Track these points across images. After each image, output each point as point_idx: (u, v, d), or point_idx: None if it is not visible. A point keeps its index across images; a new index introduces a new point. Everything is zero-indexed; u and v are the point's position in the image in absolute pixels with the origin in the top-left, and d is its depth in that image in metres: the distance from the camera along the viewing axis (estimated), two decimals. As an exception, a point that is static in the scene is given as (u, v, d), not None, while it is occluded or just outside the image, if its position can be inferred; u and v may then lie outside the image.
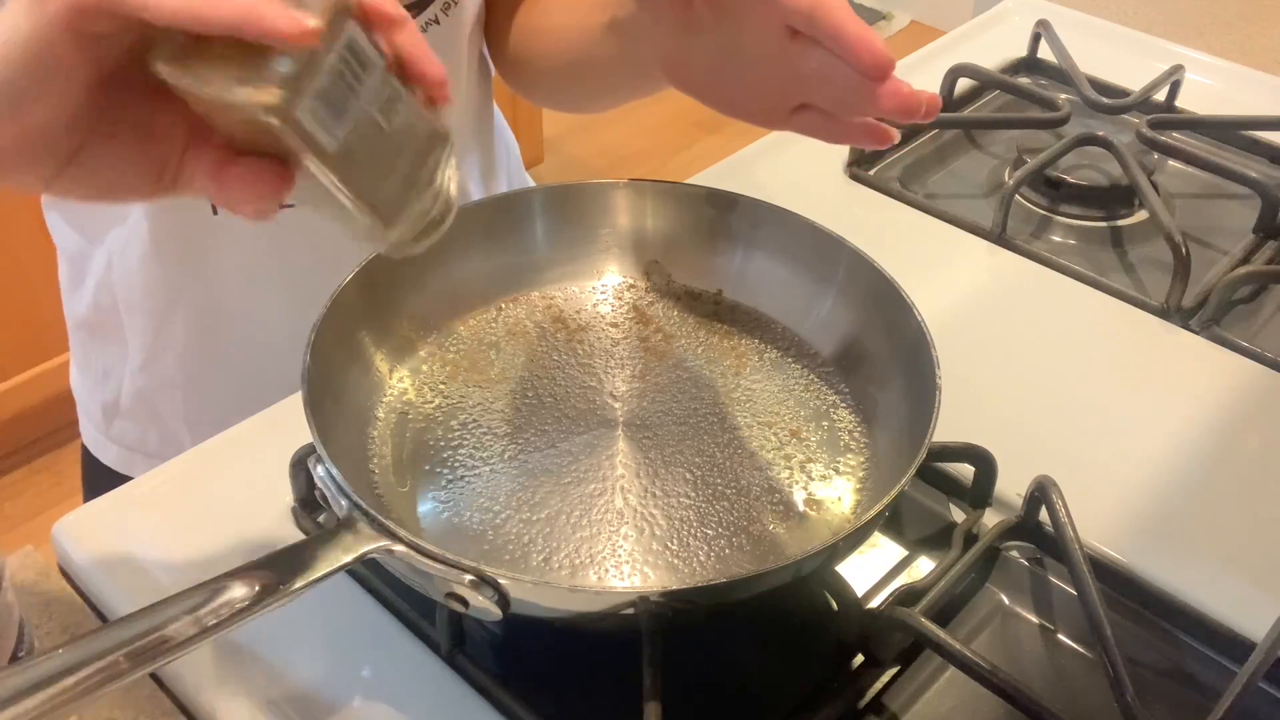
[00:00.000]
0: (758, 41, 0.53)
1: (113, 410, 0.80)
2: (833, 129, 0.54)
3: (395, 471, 0.58)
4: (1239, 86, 1.02)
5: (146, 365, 0.77)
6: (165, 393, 0.78)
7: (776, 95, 0.55)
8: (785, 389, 0.64)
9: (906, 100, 0.48)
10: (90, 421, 0.83)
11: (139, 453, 0.81)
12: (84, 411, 0.84)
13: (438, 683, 0.54)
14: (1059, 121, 0.90)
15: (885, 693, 0.54)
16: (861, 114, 0.53)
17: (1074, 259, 0.81)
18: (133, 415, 0.80)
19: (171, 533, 0.60)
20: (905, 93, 0.48)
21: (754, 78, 0.55)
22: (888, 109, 0.49)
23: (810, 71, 0.51)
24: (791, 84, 0.54)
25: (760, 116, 0.58)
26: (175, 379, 0.77)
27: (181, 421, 0.78)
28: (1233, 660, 0.55)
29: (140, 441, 0.80)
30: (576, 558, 0.54)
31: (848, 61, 0.48)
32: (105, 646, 0.41)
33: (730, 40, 0.55)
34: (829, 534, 0.56)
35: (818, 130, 0.55)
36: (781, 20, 0.51)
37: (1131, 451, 0.66)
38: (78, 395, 0.84)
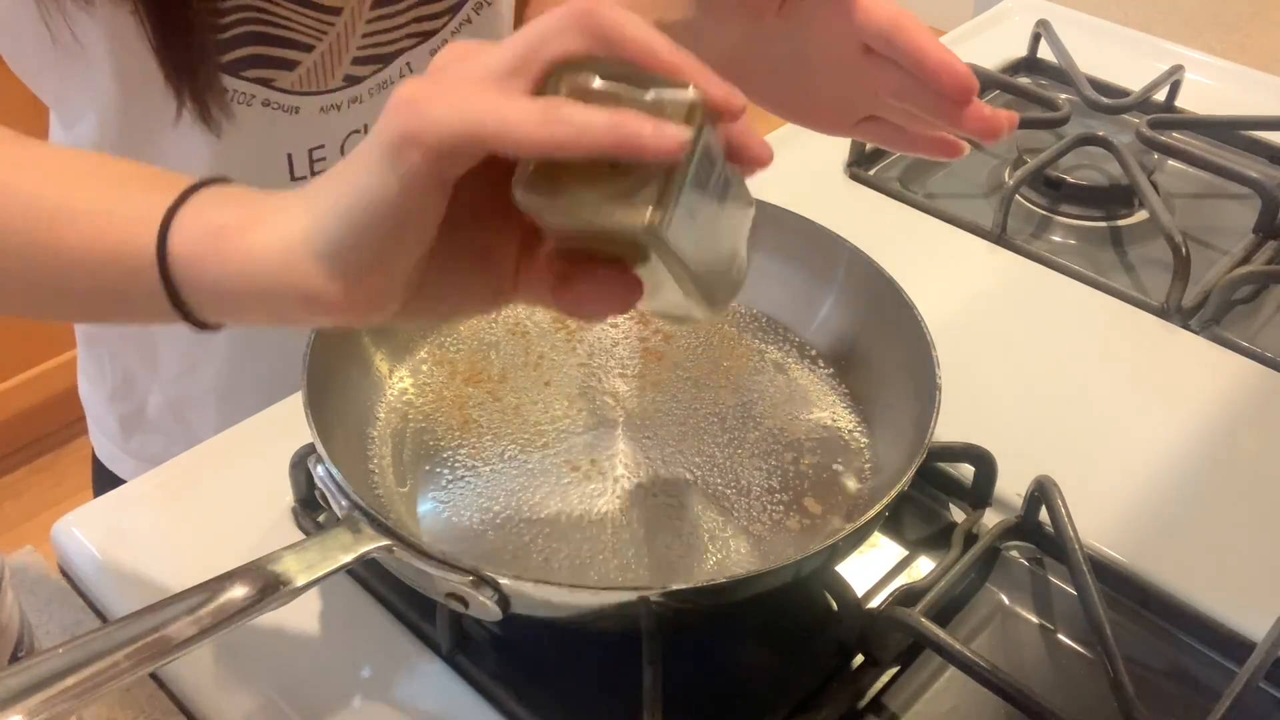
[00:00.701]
0: (829, 55, 0.54)
1: (134, 423, 0.79)
2: (902, 140, 0.55)
3: (395, 471, 0.58)
4: (1239, 86, 1.02)
5: (182, 376, 0.76)
6: (199, 403, 0.76)
7: (844, 106, 0.56)
8: (785, 389, 0.64)
9: (990, 121, 0.49)
10: (105, 435, 0.81)
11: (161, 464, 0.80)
12: (97, 425, 0.82)
13: (438, 683, 0.54)
14: (1059, 121, 0.90)
15: (885, 693, 0.54)
16: (931, 129, 0.53)
17: (1074, 259, 0.81)
18: (158, 428, 0.78)
19: (171, 533, 0.60)
20: (988, 114, 0.49)
21: (821, 88, 0.56)
22: (971, 129, 0.49)
23: (888, 90, 0.51)
24: (861, 96, 0.54)
25: (825, 125, 0.58)
26: (211, 389, 0.76)
27: (213, 431, 0.77)
28: (1233, 660, 0.55)
29: (163, 454, 0.79)
30: (576, 558, 0.54)
31: (930, 84, 0.48)
32: (105, 646, 0.41)
33: (799, 51, 0.56)
34: (829, 534, 0.56)
35: (886, 140, 0.56)
36: (856, 37, 0.51)
37: (1131, 451, 0.66)
38: (89, 408, 0.82)
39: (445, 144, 0.34)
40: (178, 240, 0.39)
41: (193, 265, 0.39)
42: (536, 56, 0.36)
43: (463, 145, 0.35)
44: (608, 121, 0.34)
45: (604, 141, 0.34)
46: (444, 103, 0.34)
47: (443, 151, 0.35)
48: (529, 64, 0.36)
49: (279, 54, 0.62)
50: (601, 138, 0.34)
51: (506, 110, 0.34)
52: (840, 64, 0.53)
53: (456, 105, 0.34)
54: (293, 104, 0.64)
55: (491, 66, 0.36)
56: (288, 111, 0.64)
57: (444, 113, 0.34)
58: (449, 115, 0.34)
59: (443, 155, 0.35)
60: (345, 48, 0.64)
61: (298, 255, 0.37)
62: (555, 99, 0.35)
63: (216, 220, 0.39)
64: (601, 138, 0.34)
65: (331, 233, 0.37)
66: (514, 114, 0.34)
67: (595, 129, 0.34)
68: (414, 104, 0.35)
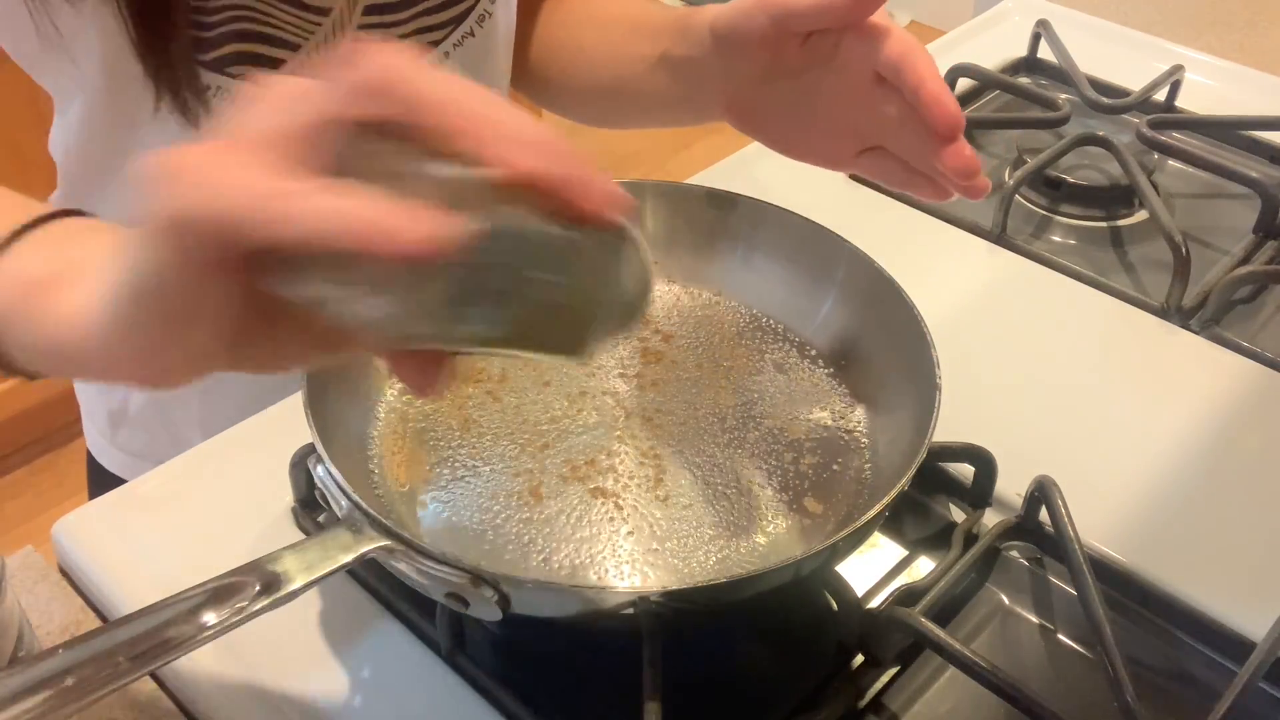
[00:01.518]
0: (842, 84, 0.55)
1: (119, 417, 0.79)
2: (897, 175, 0.56)
3: (395, 471, 0.58)
4: (1239, 86, 1.02)
5: None
6: (180, 398, 0.77)
7: (846, 138, 0.57)
8: (785, 389, 0.64)
9: (966, 162, 0.50)
10: (95, 428, 0.82)
11: (147, 459, 0.80)
12: (89, 417, 0.83)
13: (438, 683, 0.54)
14: (1059, 121, 0.90)
15: (885, 693, 0.54)
16: (924, 166, 0.54)
17: (1074, 259, 0.81)
18: (141, 422, 0.79)
19: (171, 533, 0.60)
20: (967, 155, 0.50)
21: (826, 121, 0.57)
22: (948, 165, 0.50)
23: (887, 118, 0.52)
24: (864, 128, 0.55)
25: (825, 159, 0.59)
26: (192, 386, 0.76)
27: (196, 426, 0.77)
28: (1233, 660, 0.55)
29: (148, 448, 0.80)
30: (576, 558, 0.54)
31: (921, 115, 0.49)
32: (105, 646, 0.41)
33: (810, 85, 0.56)
34: (829, 534, 0.56)
35: (882, 174, 0.57)
36: (872, 67, 0.52)
37: (1131, 451, 0.66)
38: (82, 400, 0.83)
39: (194, 233, 0.32)
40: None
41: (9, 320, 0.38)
42: (322, 123, 0.32)
43: (213, 235, 0.31)
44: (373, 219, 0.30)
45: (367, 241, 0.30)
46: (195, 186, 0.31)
47: (194, 240, 0.32)
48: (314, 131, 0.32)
49: (265, 51, 0.61)
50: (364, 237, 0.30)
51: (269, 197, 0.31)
52: (853, 92, 0.54)
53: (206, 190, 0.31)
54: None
55: (278, 125, 0.32)
56: None
57: (192, 199, 0.31)
58: (197, 202, 0.31)
59: (195, 244, 0.32)
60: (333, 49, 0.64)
61: (92, 328, 0.36)
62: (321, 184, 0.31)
63: (30, 273, 0.38)
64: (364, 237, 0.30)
65: (113, 311, 0.35)
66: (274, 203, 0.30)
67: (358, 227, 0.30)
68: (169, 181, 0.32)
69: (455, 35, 0.68)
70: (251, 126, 0.32)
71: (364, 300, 0.33)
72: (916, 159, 0.54)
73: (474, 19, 0.68)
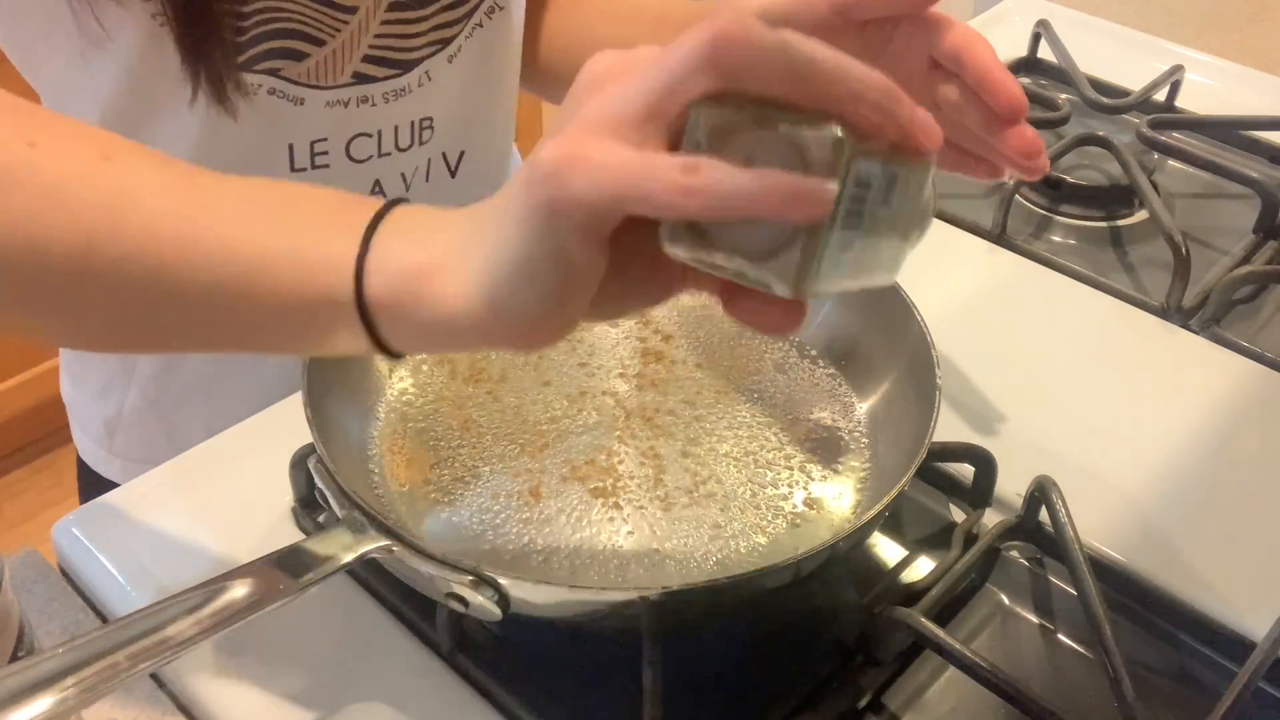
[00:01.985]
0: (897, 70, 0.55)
1: (116, 424, 0.78)
2: (948, 157, 0.56)
3: (395, 471, 0.58)
4: (1239, 86, 1.02)
5: (161, 376, 0.76)
6: (182, 401, 0.76)
7: None
8: (785, 389, 0.64)
9: (1030, 143, 0.51)
10: (89, 436, 0.81)
11: (147, 464, 0.80)
12: (81, 427, 0.81)
13: (438, 683, 0.54)
14: (1059, 121, 0.90)
15: (885, 693, 0.54)
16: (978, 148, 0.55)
17: (1074, 259, 0.81)
18: (140, 427, 0.78)
19: (171, 533, 0.60)
20: (1030, 136, 0.51)
21: None
22: (1013, 146, 0.51)
23: (945, 103, 0.53)
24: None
25: None
26: (195, 385, 0.76)
27: (201, 427, 0.77)
28: (1233, 660, 0.55)
29: (148, 452, 0.79)
30: (576, 558, 0.54)
31: (987, 99, 0.51)
32: (105, 646, 0.41)
33: None
34: (829, 534, 0.56)
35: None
36: (926, 55, 0.53)
37: (1131, 451, 0.66)
38: (72, 409, 0.82)
39: (591, 215, 0.35)
40: (374, 290, 0.40)
41: (392, 310, 0.40)
42: (671, 101, 0.35)
43: (607, 214, 0.35)
44: (747, 189, 0.33)
45: (744, 210, 0.33)
46: (585, 175, 0.34)
47: (590, 221, 0.35)
48: (664, 109, 0.35)
49: (290, 45, 0.62)
50: (742, 207, 0.33)
51: (646, 178, 0.34)
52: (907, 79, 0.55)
53: (597, 176, 0.34)
54: (298, 95, 0.64)
55: (626, 113, 0.35)
56: (293, 102, 0.64)
57: (586, 186, 0.34)
58: (591, 188, 0.34)
59: (590, 223, 0.35)
60: (356, 45, 0.64)
61: (477, 306, 0.38)
62: (693, 160, 0.34)
63: (405, 264, 0.40)
64: (742, 207, 0.33)
65: (501, 289, 0.38)
66: (654, 183, 0.34)
67: (735, 198, 0.33)
68: (556, 176, 0.35)
69: (467, 27, 0.68)
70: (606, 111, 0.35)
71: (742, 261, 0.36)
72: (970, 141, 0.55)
73: (484, 10, 0.69)
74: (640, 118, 0.35)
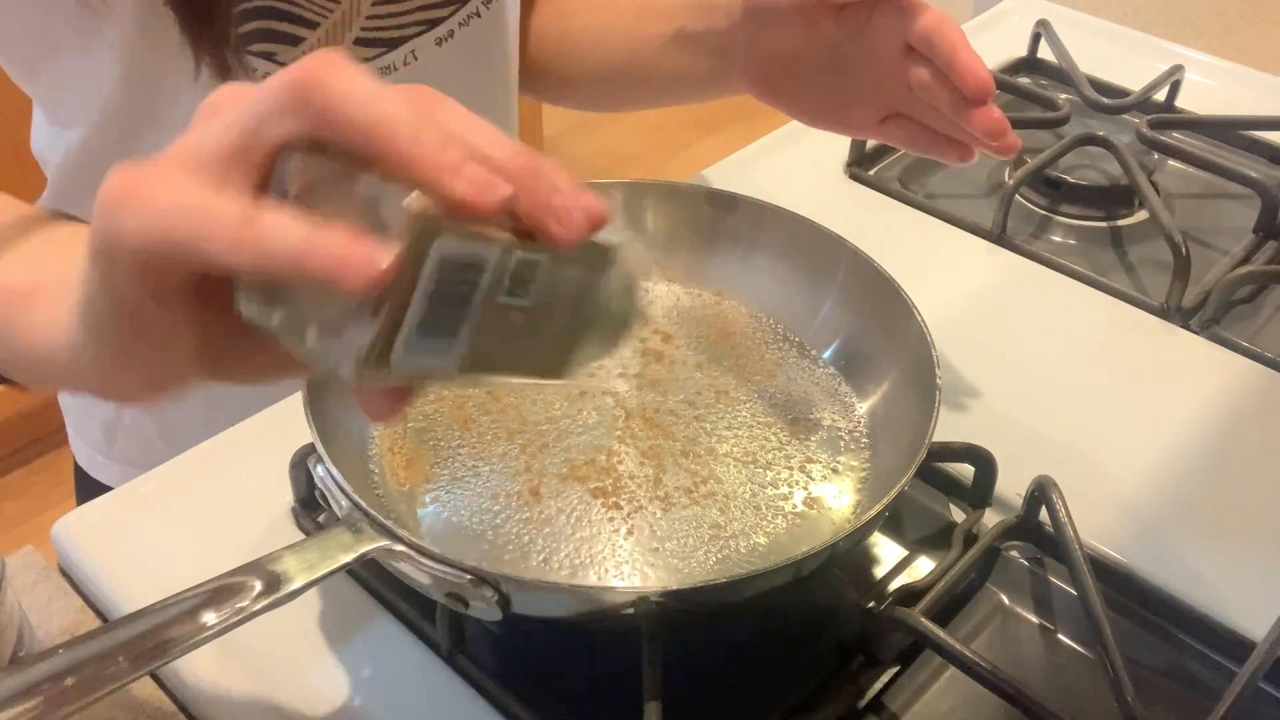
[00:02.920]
0: (871, 53, 0.57)
1: (113, 428, 0.78)
2: (921, 139, 0.58)
3: (395, 471, 0.58)
4: (1239, 86, 1.02)
5: None
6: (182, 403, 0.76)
7: (871, 106, 0.59)
8: (785, 389, 0.64)
9: (996, 123, 0.52)
10: (85, 442, 0.81)
11: (145, 468, 0.79)
12: (77, 432, 0.81)
13: (438, 683, 0.54)
14: (1059, 121, 0.90)
15: (885, 693, 0.54)
16: (949, 130, 0.56)
17: (1074, 259, 0.81)
18: (137, 431, 0.78)
19: (171, 533, 0.60)
20: (996, 116, 0.52)
21: (853, 90, 0.59)
22: (979, 127, 0.53)
23: (917, 84, 0.55)
24: (890, 96, 0.57)
25: (849, 126, 0.61)
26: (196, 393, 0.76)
27: (201, 428, 0.77)
28: (1233, 660, 0.55)
29: (146, 455, 0.78)
30: (576, 558, 0.54)
31: (955, 81, 0.52)
32: (105, 646, 0.41)
33: (839, 56, 0.58)
34: (829, 534, 0.56)
35: (906, 140, 0.59)
36: (902, 38, 0.54)
37: (1131, 451, 0.66)
38: (69, 414, 0.81)
39: (144, 258, 0.31)
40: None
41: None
42: (257, 141, 0.31)
43: (163, 258, 0.31)
44: (296, 246, 0.29)
45: (293, 270, 0.29)
46: (137, 211, 0.30)
47: (144, 265, 0.31)
48: (249, 150, 0.31)
49: (285, 29, 0.62)
50: (291, 265, 0.29)
51: (200, 222, 0.30)
52: (881, 62, 0.57)
53: (149, 213, 0.30)
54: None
55: (207, 150, 0.31)
56: None
57: (136, 225, 0.30)
58: (141, 226, 0.30)
59: (145, 268, 0.31)
60: (349, 27, 0.64)
61: (59, 345, 0.35)
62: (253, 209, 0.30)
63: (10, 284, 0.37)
64: (291, 265, 0.29)
65: (72, 332, 0.34)
66: (207, 229, 0.30)
67: (285, 255, 0.29)
68: (110, 210, 0.31)
69: (460, 14, 0.68)
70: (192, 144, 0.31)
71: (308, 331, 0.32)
72: (941, 123, 0.56)
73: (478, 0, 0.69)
74: (222, 156, 0.31)
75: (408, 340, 0.31)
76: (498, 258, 0.32)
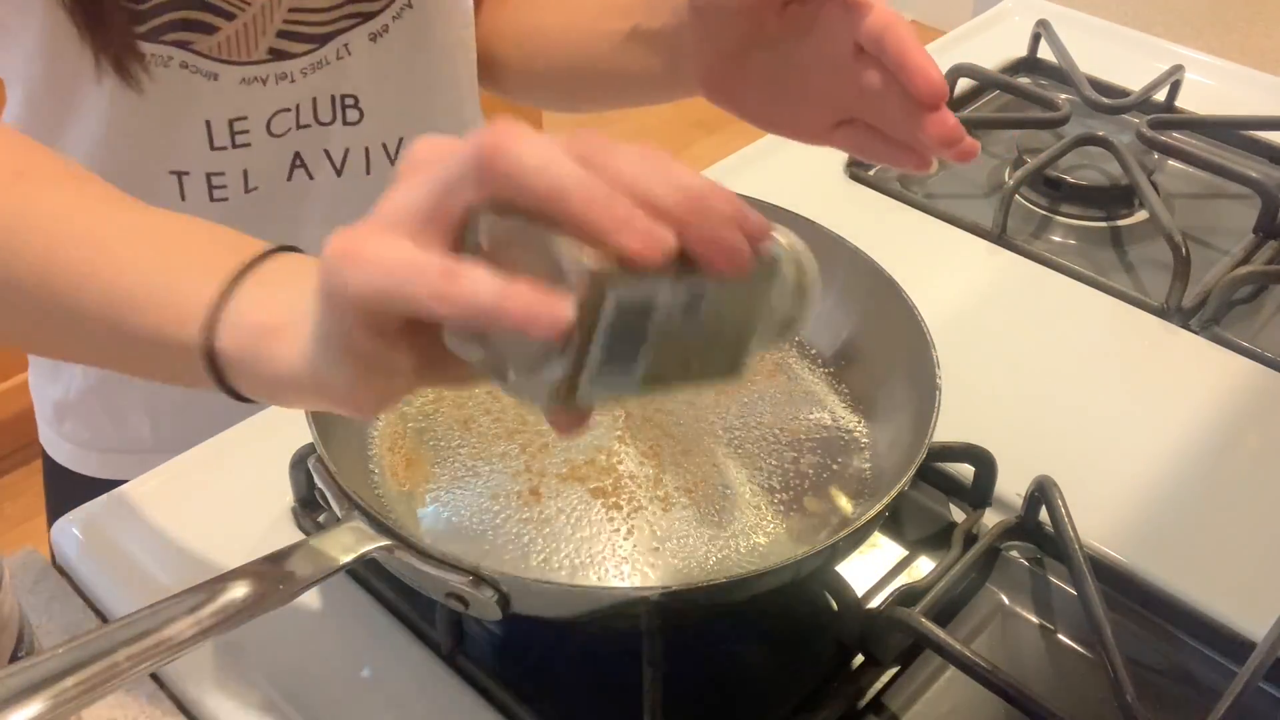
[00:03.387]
0: (820, 54, 0.55)
1: (64, 407, 0.79)
2: (875, 147, 0.56)
3: (395, 471, 0.58)
4: (1239, 86, 1.02)
5: None
6: (123, 383, 0.76)
7: (823, 110, 0.56)
8: (785, 390, 0.64)
9: (951, 130, 0.50)
10: (44, 420, 0.82)
11: (92, 449, 0.79)
12: (39, 411, 0.82)
13: (438, 683, 0.54)
14: (1059, 121, 0.90)
15: (885, 693, 0.54)
16: (905, 136, 0.54)
17: (1074, 259, 0.81)
18: (84, 411, 0.78)
19: (171, 533, 0.60)
20: (950, 123, 0.50)
21: (803, 92, 0.57)
22: (931, 134, 0.50)
23: (868, 87, 0.52)
24: (842, 99, 0.55)
25: (802, 131, 0.59)
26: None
27: (142, 411, 0.77)
28: (1233, 660, 0.55)
29: (94, 438, 0.79)
30: (576, 558, 0.54)
31: (905, 85, 0.50)
32: (105, 646, 0.41)
33: (788, 56, 0.56)
34: (829, 534, 0.56)
35: (861, 147, 0.57)
36: (851, 39, 0.52)
37: (1131, 451, 0.66)
38: (33, 393, 0.83)
39: (364, 309, 0.36)
40: (223, 342, 0.42)
41: (237, 364, 0.42)
42: (449, 202, 0.35)
43: (380, 309, 0.36)
44: (489, 300, 0.33)
45: (489, 320, 0.33)
46: (358, 270, 0.35)
47: (366, 315, 0.36)
48: (443, 211, 0.36)
49: (198, 17, 0.61)
50: (486, 316, 0.33)
51: (409, 278, 0.34)
52: (831, 63, 0.54)
53: (368, 272, 0.35)
54: (211, 70, 0.64)
55: (409, 211, 0.36)
56: (206, 77, 0.64)
57: (357, 282, 0.35)
58: (362, 284, 0.35)
59: (367, 317, 0.36)
60: (269, 19, 0.63)
61: (301, 373, 0.40)
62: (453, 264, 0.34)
63: (256, 320, 0.42)
64: (486, 316, 0.33)
65: (316, 362, 0.39)
66: (415, 284, 0.34)
67: (480, 307, 0.34)
68: (334, 268, 0.36)
69: (393, 8, 0.68)
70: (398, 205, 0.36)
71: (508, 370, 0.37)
72: (896, 129, 0.54)
73: None
74: (423, 217, 0.35)
75: (592, 375, 0.35)
76: (668, 293, 0.36)
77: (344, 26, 0.66)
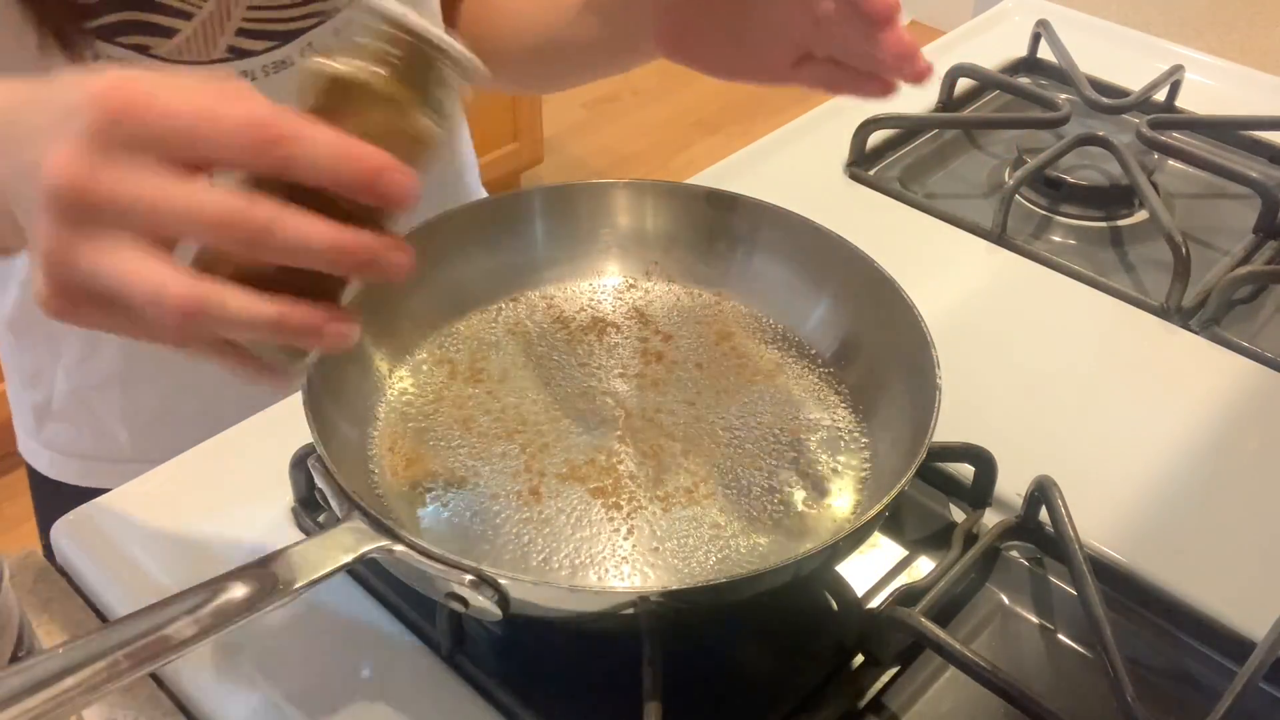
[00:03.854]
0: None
1: (44, 412, 0.78)
2: (836, 78, 0.57)
3: (395, 471, 0.58)
4: (1239, 86, 1.02)
5: (83, 361, 0.74)
6: (102, 389, 0.75)
7: (781, 49, 0.57)
8: (785, 389, 0.64)
9: (906, 46, 0.51)
10: (22, 427, 0.81)
11: (72, 456, 0.79)
12: (17, 419, 0.81)
13: (438, 683, 0.54)
14: (1059, 121, 0.90)
15: (885, 693, 0.54)
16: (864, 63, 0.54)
17: (1074, 259, 0.81)
18: (65, 417, 0.77)
19: (171, 533, 0.60)
20: (906, 40, 0.51)
21: (760, 34, 0.57)
22: (887, 51, 0.51)
23: (823, 17, 0.53)
24: (798, 34, 0.56)
25: (762, 74, 0.59)
26: (114, 373, 0.75)
27: (119, 419, 0.76)
28: (1233, 660, 0.55)
29: (73, 444, 0.78)
30: (576, 558, 0.54)
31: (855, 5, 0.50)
32: (105, 646, 0.41)
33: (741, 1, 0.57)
34: (829, 534, 0.56)
35: (821, 80, 0.57)
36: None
37: (1131, 451, 0.66)
38: (11, 402, 0.81)
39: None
40: None
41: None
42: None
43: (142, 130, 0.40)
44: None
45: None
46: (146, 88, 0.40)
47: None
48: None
49: (155, 20, 0.61)
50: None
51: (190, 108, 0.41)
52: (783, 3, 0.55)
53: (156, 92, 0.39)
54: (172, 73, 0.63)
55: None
56: None
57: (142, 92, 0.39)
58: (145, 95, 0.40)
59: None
60: (228, 16, 0.63)
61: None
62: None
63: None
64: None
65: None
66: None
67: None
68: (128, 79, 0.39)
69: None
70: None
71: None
72: (855, 57, 0.55)
73: None
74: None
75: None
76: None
77: (310, 24, 0.66)
